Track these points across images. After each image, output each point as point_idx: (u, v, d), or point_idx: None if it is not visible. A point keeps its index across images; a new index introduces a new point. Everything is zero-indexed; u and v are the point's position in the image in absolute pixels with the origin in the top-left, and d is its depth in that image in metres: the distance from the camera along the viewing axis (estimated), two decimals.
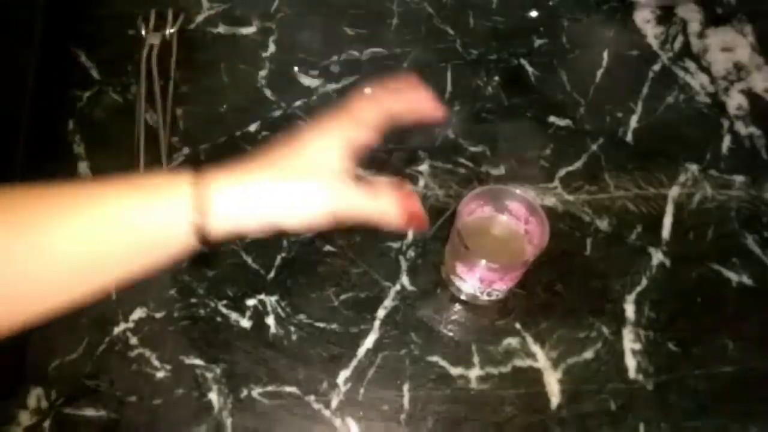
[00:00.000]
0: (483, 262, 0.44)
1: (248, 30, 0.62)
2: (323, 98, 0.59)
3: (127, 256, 0.35)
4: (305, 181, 0.36)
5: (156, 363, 0.48)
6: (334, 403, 0.47)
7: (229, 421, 0.46)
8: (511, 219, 0.49)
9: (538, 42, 0.62)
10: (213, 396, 0.47)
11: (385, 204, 0.37)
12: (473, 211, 0.48)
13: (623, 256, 0.52)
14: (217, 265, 0.51)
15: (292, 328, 0.49)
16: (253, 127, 0.58)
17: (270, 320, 0.49)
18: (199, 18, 0.62)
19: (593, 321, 0.50)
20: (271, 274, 0.51)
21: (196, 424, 0.46)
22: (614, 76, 0.61)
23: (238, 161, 0.37)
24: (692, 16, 0.65)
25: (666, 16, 0.65)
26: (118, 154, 0.55)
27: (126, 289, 0.38)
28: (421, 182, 0.55)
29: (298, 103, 0.59)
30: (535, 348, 0.49)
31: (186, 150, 0.56)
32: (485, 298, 0.49)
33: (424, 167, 0.56)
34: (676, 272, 0.52)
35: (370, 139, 0.39)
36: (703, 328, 0.50)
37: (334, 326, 0.49)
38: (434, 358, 0.48)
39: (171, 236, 0.35)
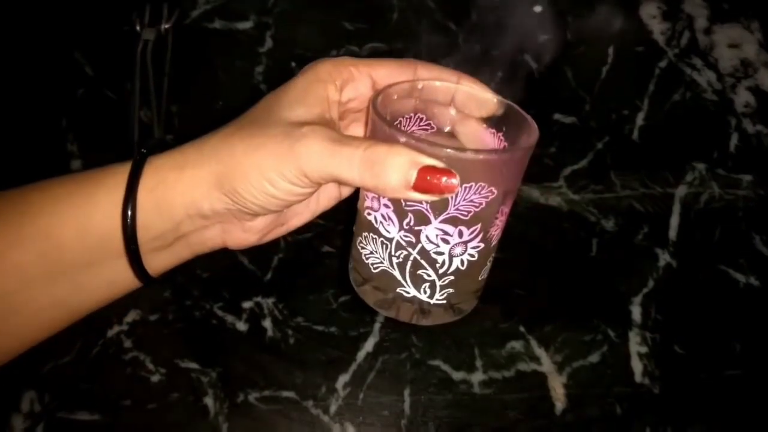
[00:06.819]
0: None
1: (245, 25, 0.61)
2: None
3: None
4: (262, 137, 0.28)
5: (150, 366, 0.47)
6: (333, 409, 0.46)
7: (225, 427, 0.45)
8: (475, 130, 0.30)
9: (542, 37, 0.61)
10: (209, 400, 0.46)
11: (380, 173, 0.26)
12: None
13: (629, 257, 0.51)
14: (212, 266, 0.50)
15: (290, 331, 0.48)
16: None
17: (267, 323, 0.48)
18: (195, 13, 0.61)
19: (598, 324, 0.49)
20: (268, 276, 0.50)
21: (192, 429, 0.45)
22: (620, 73, 0.60)
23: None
24: (699, 11, 0.64)
25: (672, 11, 0.63)
26: (111, 152, 0.54)
27: None
28: None
29: None
30: (540, 351, 0.48)
31: None
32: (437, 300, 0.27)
33: None
34: (683, 273, 0.51)
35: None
36: (710, 331, 0.49)
37: (332, 329, 0.48)
38: (436, 362, 0.47)
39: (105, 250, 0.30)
